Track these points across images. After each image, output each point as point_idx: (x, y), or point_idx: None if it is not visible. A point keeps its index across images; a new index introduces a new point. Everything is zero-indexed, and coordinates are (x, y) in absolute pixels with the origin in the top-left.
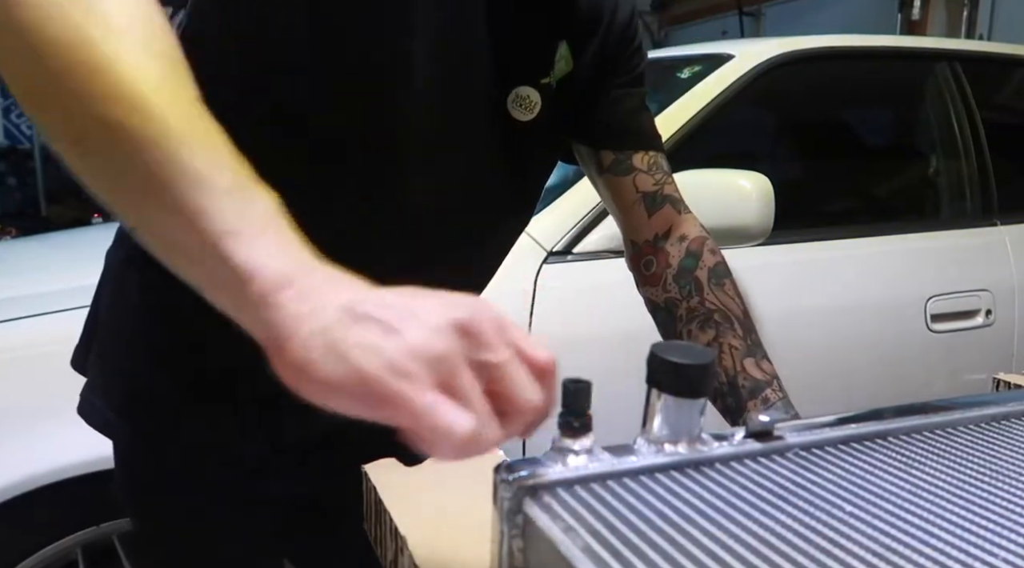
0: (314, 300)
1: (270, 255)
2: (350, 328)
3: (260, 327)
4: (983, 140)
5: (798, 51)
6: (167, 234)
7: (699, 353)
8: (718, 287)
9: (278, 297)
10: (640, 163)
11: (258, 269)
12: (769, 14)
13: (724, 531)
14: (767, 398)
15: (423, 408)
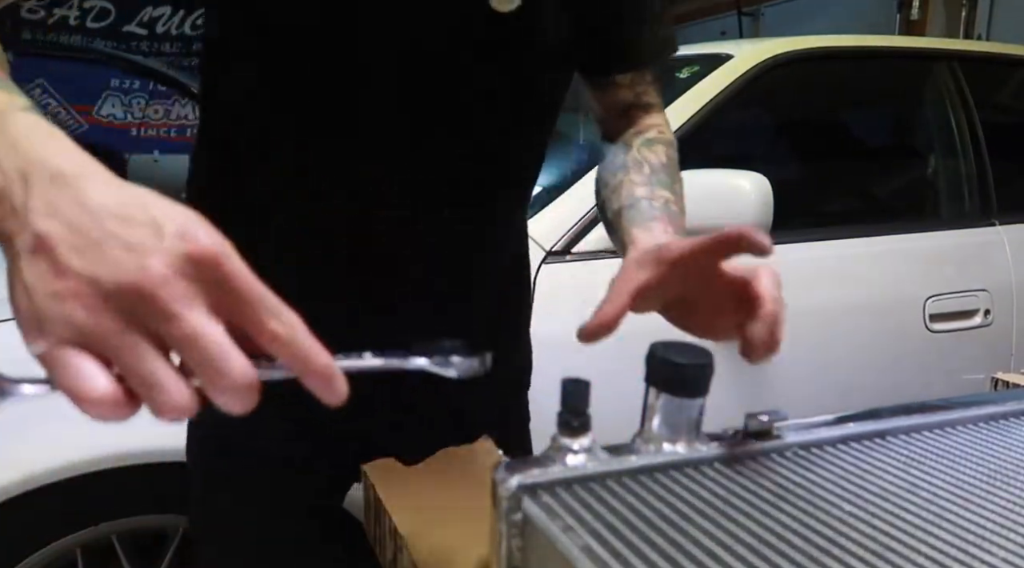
0: (19, 219)
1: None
2: (27, 260)
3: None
4: (981, 140)
5: (797, 51)
6: None
7: (698, 353)
8: (646, 147)
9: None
10: (623, 79)
11: None
12: (768, 14)
13: (723, 530)
14: (639, 207)
15: (56, 363)
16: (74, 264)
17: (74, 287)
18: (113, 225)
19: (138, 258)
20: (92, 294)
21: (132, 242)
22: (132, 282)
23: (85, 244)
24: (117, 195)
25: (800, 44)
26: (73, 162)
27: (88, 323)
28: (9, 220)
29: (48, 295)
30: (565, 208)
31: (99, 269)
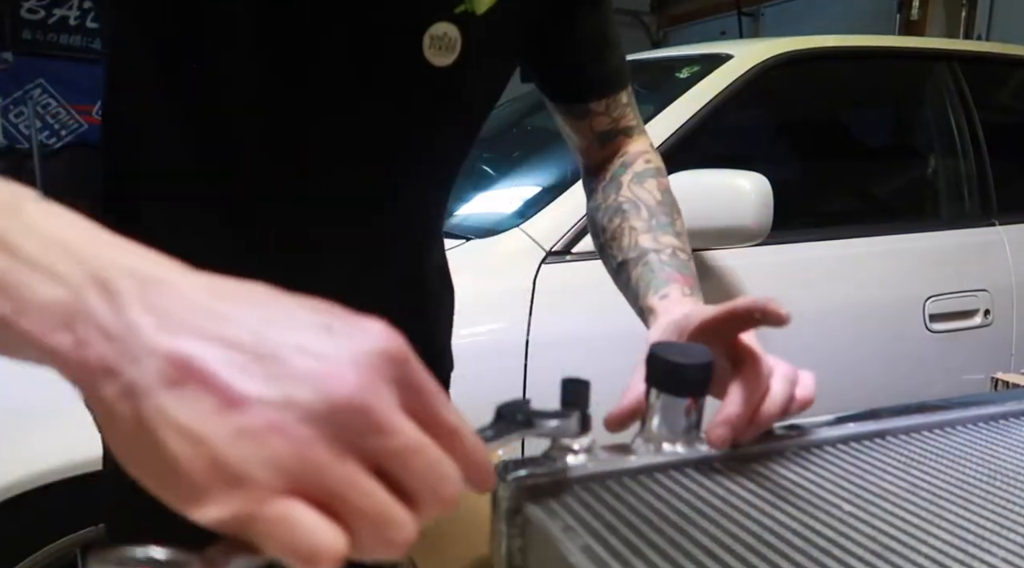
0: (122, 342)
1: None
2: (170, 395)
3: (62, 373)
4: (981, 140)
5: (796, 51)
6: None
7: (698, 353)
8: (637, 184)
9: (54, 338)
10: (598, 107)
11: (31, 304)
12: (768, 14)
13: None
14: (647, 262)
15: (266, 524)
16: (252, 389)
17: (267, 418)
18: (275, 332)
19: (334, 367)
20: (293, 421)
21: (313, 349)
22: (344, 397)
23: (250, 361)
24: (246, 295)
25: (800, 44)
26: (156, 261)
27: (297, 459)
28: (96, 346)
29: (230, 435)
30: (565, 208)
31: (292, 389)
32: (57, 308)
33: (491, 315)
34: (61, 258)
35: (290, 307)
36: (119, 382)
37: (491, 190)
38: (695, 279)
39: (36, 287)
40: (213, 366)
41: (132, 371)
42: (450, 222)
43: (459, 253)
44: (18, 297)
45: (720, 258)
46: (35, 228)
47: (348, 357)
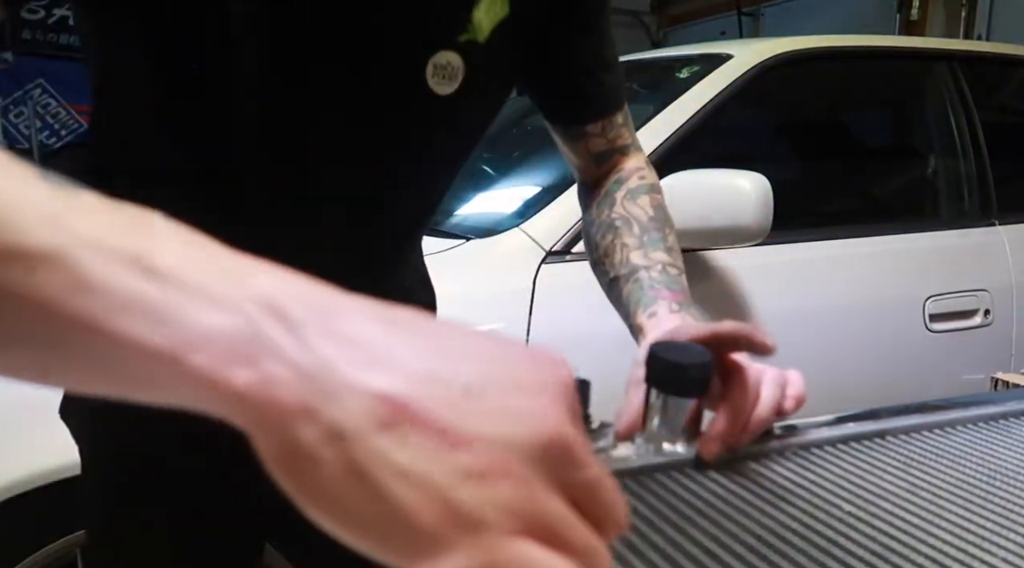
0: (318, 376)
1: (213, 303)
2: (385, 437)
3: (234, 418)
4: (981, 140)
5: (796, 51)
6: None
7: (698, 353)
8: (630, 201)
9: (238, 376)
10: (593, 128)
11: (199, 334)
12: (767, 14)
13: (724, 531)
14: (638, 279)
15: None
16: (471, 427)
17: (492, 458)
18: (470, 365)
19: (538, 401)
20: (515, 460)
21: (514, 383)
22: (553, 432)
23: (460, 398)
24: (407, 321)
25: (800, 44)
26: (306, 284)
27: (523, 499)
28: (287, 383)
29: (459, 477)
30: (565, 208)
31: (507, 426)
32: (232, 340)
33: (491, 315)
34: (221, 282)
35: (464, 335)
36: (320, 424)
37: (491, 190)
38: (685, 293)
39: (202, 316)
40: (427, 404)
41: (335, 412)
42: (450, 222)
43: (459, 253)
44: (182, 329)
45: (720, 258)
46: (178, 249)
47: (543, 390)
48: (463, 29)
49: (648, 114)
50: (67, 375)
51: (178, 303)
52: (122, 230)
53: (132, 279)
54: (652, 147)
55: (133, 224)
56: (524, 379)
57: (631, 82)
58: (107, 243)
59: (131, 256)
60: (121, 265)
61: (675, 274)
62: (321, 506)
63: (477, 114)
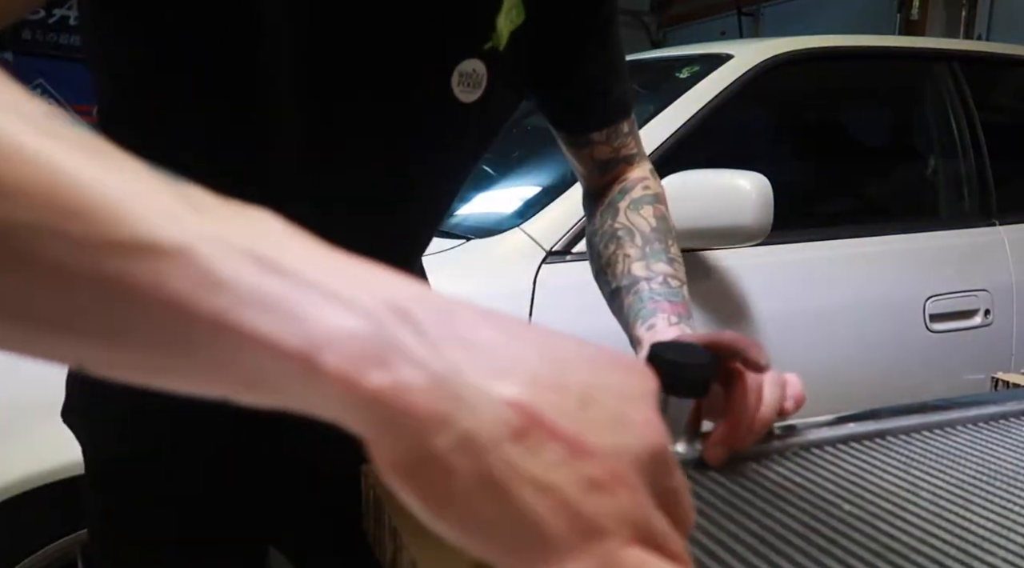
0: (452, 382)
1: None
2: (518, 447)
3: (355, 421)
4: (981, 140)
5: (796, 51)
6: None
7: (698, 353)
8: (633, 211)
9: (371, 378)
10: (599, 137)
11: (328, 335)
12: (767, 14)
13: (724, 531)
14: (638, 290)
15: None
16: (593, 437)
17: (611, 467)
18: (584, 374)
19: (644, 411)
20: (630, 470)
21: (624, 392)
22: (658, 442)
23: (579, 407)
24: (518, 327)
25: (800, 44)
26: (427, 288)
27: (636, 509)
28: (420, 389)
29: (584, 486)
30: (565, 208)
31: (622, 436)
32: (364, 342)
33: None
34: (347, 282)
35: (563, 340)
36: (454, 432)
37: (491, 190)
38: (685, 305)
39: (333, 316)
40: (553, 413)
41: (470, 420)
42: (450, 222)
43: (459, 253)
44: (314, 327)
45: (720, 258)
46: (299, 248)
47: (643, 398)
48: (487, 37)
49: (648, 114)
50: (183, 375)
51: (308, 302)
52: (243, 227)
53: (261, 276)
54: (652, 147)
55: (251, 222)
56: (627, 386)
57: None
58: (231, 240)
59: (256, 254)
60: (248, 262)
61: (676, 286)
62: (449, 514)
63: (495, 121)
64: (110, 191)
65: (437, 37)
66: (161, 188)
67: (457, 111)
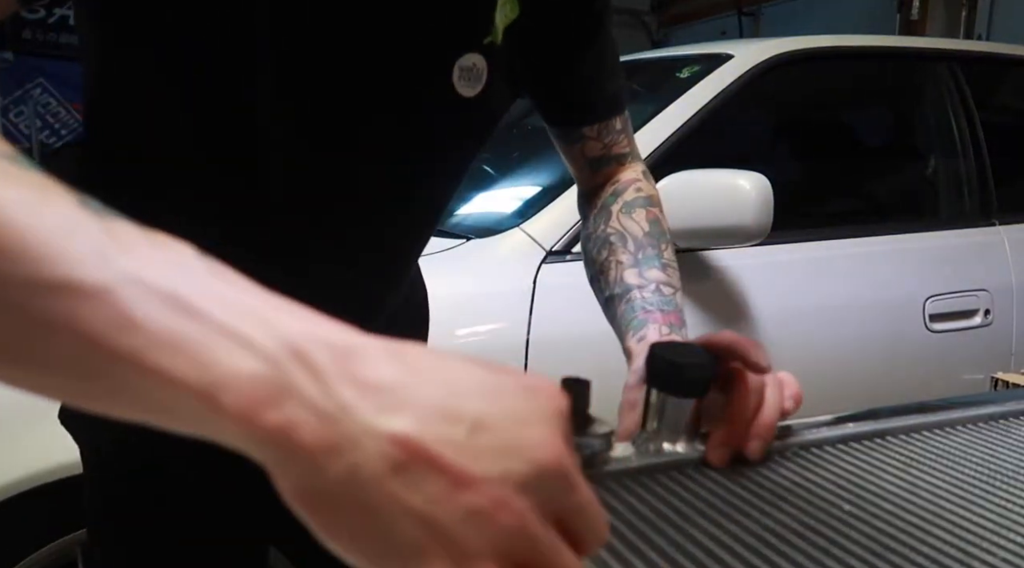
0: (339, 423)
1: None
2: (398, 480)
3: (256, 454)
4: (981, 140)
5: (797, 51)
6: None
7: (698, 353)
8: (626, 215)
9: (267, 417)
10: (590, 132)
11: (228, 375)
12: (768, 14)
13: (723, 530)
14: (630, 299)
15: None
16: (475, 466)
17: (491, 496)
18: (477, 402)
19: (536, 432)
20: (513, 495)
21: (516, 417)
22: (551, 462)
23: (466, 435)
24: (432, 363)
25: (800, 44)
26: (330, 326)
27: (519, 534)
28: (310, 427)
29: (463, 516)
30: (565, 208)
31: (508, 461)
32: (260, 383)
33: (491, 315)
34: (251, 324)
35: (467, 368)
36: (340, 465)
37: (491, 190)
38: (678, 314)
39: (231, 358)
40: (436, 446)
41: (354, 455)
42: (450, 222)
43: (459, 253)
44: (212, 369)
45: (720, 258)
46: (211, 287)
47: (541, 419)
48: (487, 31)
49: (648, 114)
50: (101, 402)
51: (214, 344)
52: (161, 266)
53: (173, 318)
54: (652, 147)
55: (169, 259)
56: (524, 411)
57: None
58: (149, 280)
59: (170, 294)
60: (162, 303)
61: (669, 294)
62: (338, 539)
63: (495, 116)
64: (40, 230)
65: (436, 31)
66: (91, 225)
67: (459, 106)
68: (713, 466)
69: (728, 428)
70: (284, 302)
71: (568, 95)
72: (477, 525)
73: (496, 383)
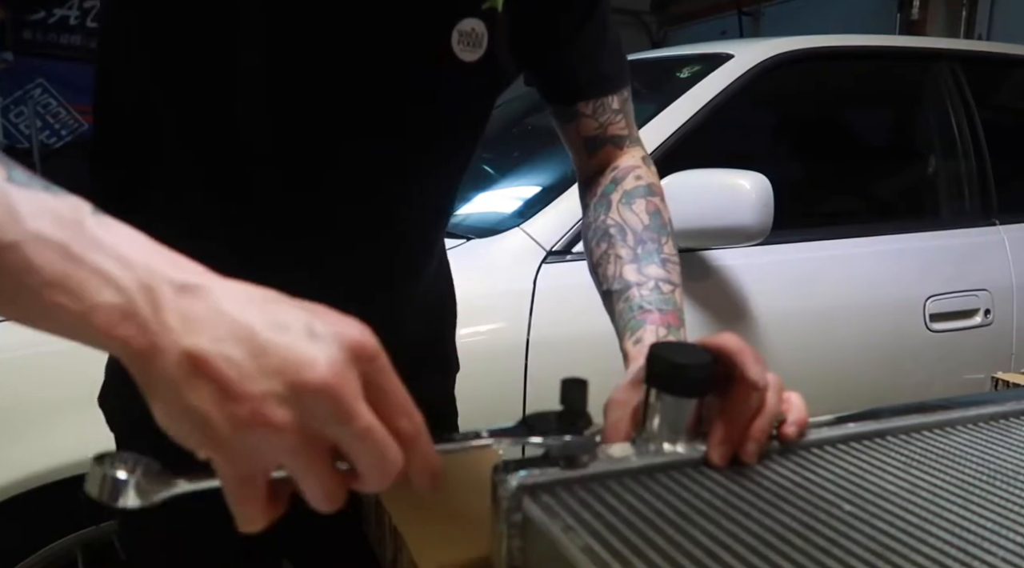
0: (157, 337)
1: (111, 284)
2: (186, 384)
3: (116, 354)
4: (982, 140)
5: (797, 51)
6: None
7: (698, 353)
8: (626, 206)
9: (117, 331)
10: (585, 109)
11: (97, 305)
12: (768, 14)
13: (724, 531)
14: (628, 297)
15: (232, 490)
16: (245, 385)
17: (252, 409)
18: (269, 334)
19: (311, 362)
20: (272, 411)
21: (296, 348)
22: (313, 383)
23: (247, 358)
24: (251, 301)
25: (800, 44)
26: (191, 271)
27: (275, 444)
28: (139, 338)
29: (226, 421)
30: (565, 208)
31: (272, 383)
32: (117, 309)
33: (491, 315)
34: (117, 268)
35: (287, 309)
36: (154, 368)
37: (491, 190)
38: (676, 313)
39: (100, 291)
40: (217, 364)
41: (163, 361)
42: (450, 222)
43: (459, 253)
44: (87, 299)
45: (720, 258)
46: (96, 239)
47: (322, 350)
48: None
49: (648, 114)
50: (22, 319)
51: (87, 281)
52: (58, 223)
53: (61, 263)
54: (652, 147)
55: (66, 216)
56: (306, 342)
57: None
58: (46, 234)
59: (61, 245)
60: (54, 252)
61: (668, 291)
62: (159, 417)
63: (496, 85)
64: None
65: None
66: (10, 193)
67: (460, 71)
68: (713, 466)
69: (728, 427)
70: (158, 247)
71: (564, 68)
72: (240, 431)
73: (295, 317)
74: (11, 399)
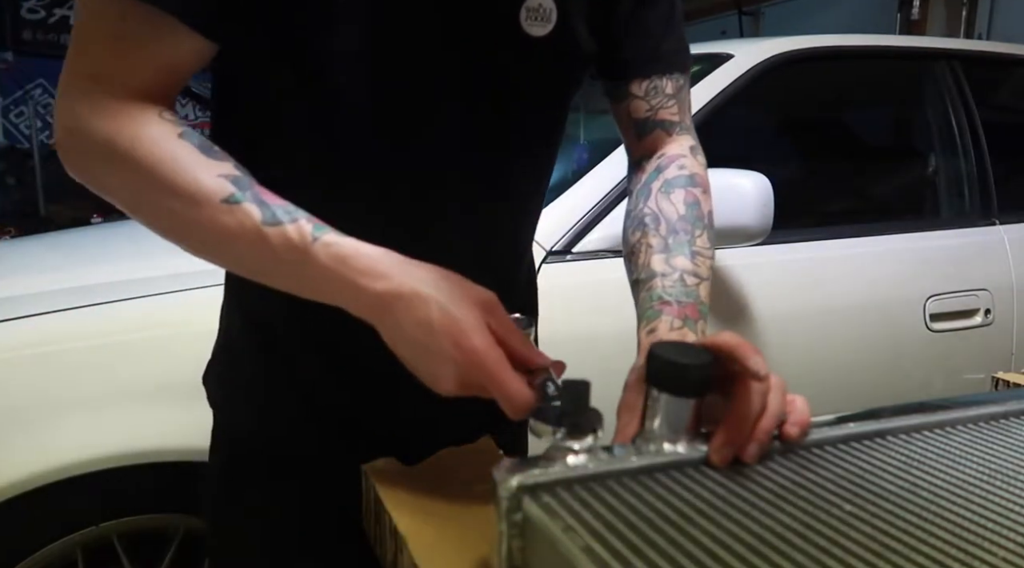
0: (400, 307)
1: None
2: (422, 344)
3: (366, 312)
4: (982, 139)
5: (797, 51)
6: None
7: (699, 353)
8: (664, 195)
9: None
10: (637, 89)
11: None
12: (768, 14)
13: (724, 530)
14: (651, 287)
15: (499, 383)
16: (461, 331)
17: (464, 347)
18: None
19: (464, 326)
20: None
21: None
22: (467, 347)
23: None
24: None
25: (800, 44)
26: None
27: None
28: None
29: (449, 354)
30: (565, 208)
31: (449, 340)
32: (380, 295)
33: None
34: (378, 273)
35: (457, 285)
36: (410, 315)
37: None
38: (696, 306)
39: (372, 284)
40: (464, 325)
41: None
42: None
43: None
44: (360, 288)
45: (720, 258)
46: (344, 245)
47: (473, 319)
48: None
49: None
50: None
51: (358, 279)
52: (333, 244)
53: (331, 263)
54: None
55: (334, 238)
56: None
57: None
58: (329, 241)
59: (337, 255)
60: (330, 260)
61: (692, 284)
62: (398, 352)
63: (568, 58)
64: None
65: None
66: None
67: (528, 45)
68: (714, 466)
69: (731, 429)
70: (397, 256)
71: (623, 45)
72: (460, 355)
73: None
74: (11, 399)
